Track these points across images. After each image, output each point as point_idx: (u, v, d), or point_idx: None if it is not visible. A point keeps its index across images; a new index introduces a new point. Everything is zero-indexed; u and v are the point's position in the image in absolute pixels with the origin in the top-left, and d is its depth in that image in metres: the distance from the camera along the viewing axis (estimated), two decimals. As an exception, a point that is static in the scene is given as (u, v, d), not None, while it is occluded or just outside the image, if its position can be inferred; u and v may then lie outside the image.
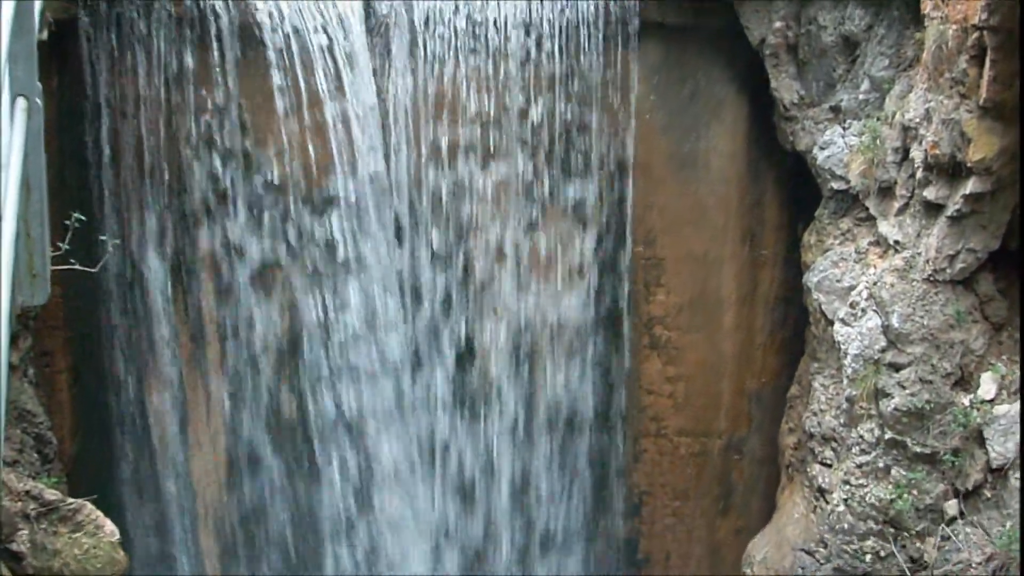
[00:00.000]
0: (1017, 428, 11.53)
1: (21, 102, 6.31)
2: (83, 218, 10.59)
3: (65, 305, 14.40)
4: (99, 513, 10.08)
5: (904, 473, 12.48)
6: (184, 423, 15.49)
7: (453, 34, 14.50)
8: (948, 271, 12.01)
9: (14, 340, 11.95)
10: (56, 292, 14.00)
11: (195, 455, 15.66)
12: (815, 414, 13.73)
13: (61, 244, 10.20)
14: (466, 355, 15.71)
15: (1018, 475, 11.46)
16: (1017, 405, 11.64)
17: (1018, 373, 11.87)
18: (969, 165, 11.26)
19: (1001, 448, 11.63)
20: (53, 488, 10.11)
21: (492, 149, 14.90)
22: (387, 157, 14.71)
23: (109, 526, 10.09)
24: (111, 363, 15.02)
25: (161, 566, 15.92)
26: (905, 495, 12.39)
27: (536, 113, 14.86)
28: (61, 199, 13.10)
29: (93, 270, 11.47)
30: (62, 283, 13.92)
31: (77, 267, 10.69)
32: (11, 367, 11.64)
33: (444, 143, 14.84)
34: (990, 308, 12.22)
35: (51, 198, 7.49)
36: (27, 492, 9.61)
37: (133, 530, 15.31)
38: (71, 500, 9.96)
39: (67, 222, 10.24)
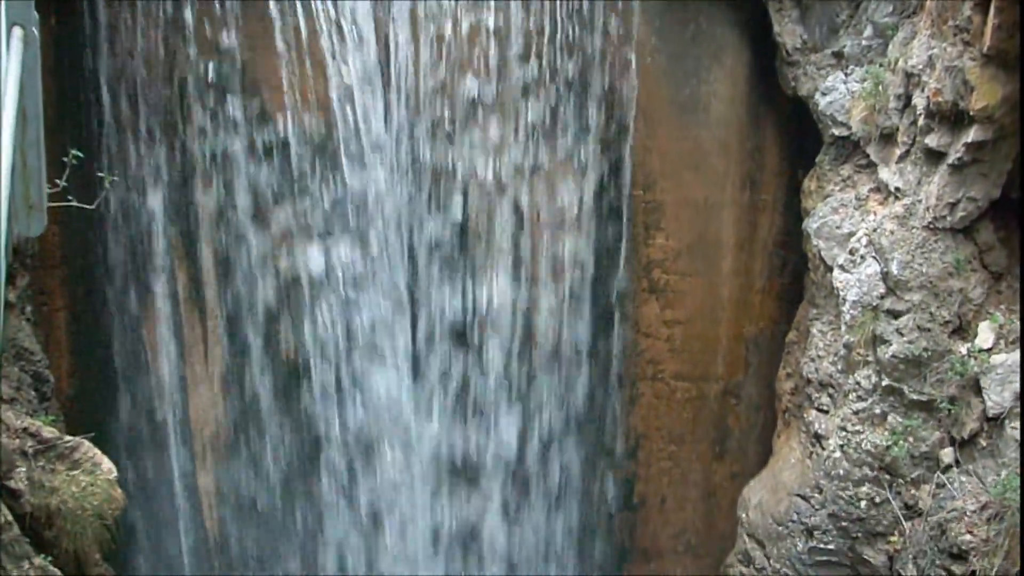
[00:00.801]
0: (1014, 377, 11.55)
1: (17, 31, 6.28)
2: (81, 155, 10.57)
3: (63, 243, 14.36)
4: (97, 451, 10.13)
5: (900, 420, 12.52)
6: (182, 363, 15.49)
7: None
8: (948, 219, 11.99)
9: (11, 278, 11.95)
10: (54, 230, 14.01)
11: (193, 394, 15.67)
12: (812, 360, 13.74)
13: (59, 181, 10.19)
14: (465, 307, 15.71)
15: (1014, 424, 11.49)
16: (1014, 354, 11.65)
17: (1016, 323, 11.88)
18: (971, 113, 11.21)
19: (998, 397, 11.66)
20: (51, 426, 10.13)
21: (493, 93, 14.81)
22: (387, 104, 14.64)
23: (107, 464, 10.14)
24: (109, 302, 14.99)
25: (159, 506, 15.98)
26: (901, 442, 12.43)
27: (537, 55, 14.75)
28: (59, 136, 13.03)
29: (91, 207, 11.44)
30: (60, 221, 13.93)
31: (75, 204, 10.68)
32: (8, 305, 11.67)
33: (444, 87, 14.74)
34: (989, 257, 12.22)
35: (49, 136, 7.45)
36: (25, 429, 9.65)
37: (130, 469, 15.35)
38: (69, 438, 10.01)
39: (65, 159, 10.21)
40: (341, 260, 15.15)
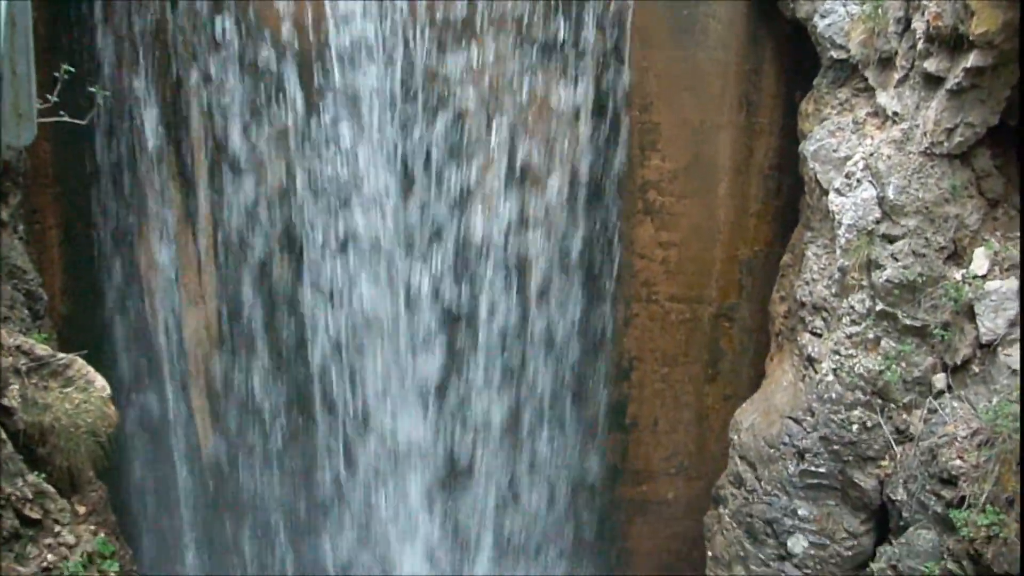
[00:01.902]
0: (1008, 304, 11.56)
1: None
2: (72, 70, 10.48)
3: (55, 161, 14.31)
4: (90, 368, 10.12)
5: (893, 345, 12.53)
6: (176, 280, 15.48)
7: None
8: (945, 144, 11.93)
9: (3, 196, 11.89)
10: (46, 148, 13.95)
11: (187, 312, 15.68)
12: (807, 283, 13.74)
13: (50, 96, 10.12)
14: (464, 225, 15.69)
15: (1007, 351, 11.51)
16: (1009, 281, 11.64)
17: (1012, 250, 11.86)
18: (971, 38, 11.11)
19: (991, 324, 11.67)
20: (44, 344, 10.12)
21: (487, 16, 14.69)
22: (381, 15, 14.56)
23: (100, 381, 10.14)
24: (102, 220, 14.96)
25: (152, 424, 16.04)
26: (894, 367, 12.46)
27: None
28: (53, 55, 12.91)
29: (82, 122, 11.37)
30: (52, 139, 13.87)
31: (66, 119, 10.61)
32: (0, 223, 11.61)
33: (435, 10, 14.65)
34: (986, 184, 12.17)
35: (42, 54, 7.40)
36: (18, 347, 9.64)
37: (124, 387, 15.39)
38: (62, 355, 10.00)
39: (57, 74, 10.14)
40: (337, 170, 15.14)
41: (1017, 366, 11.42)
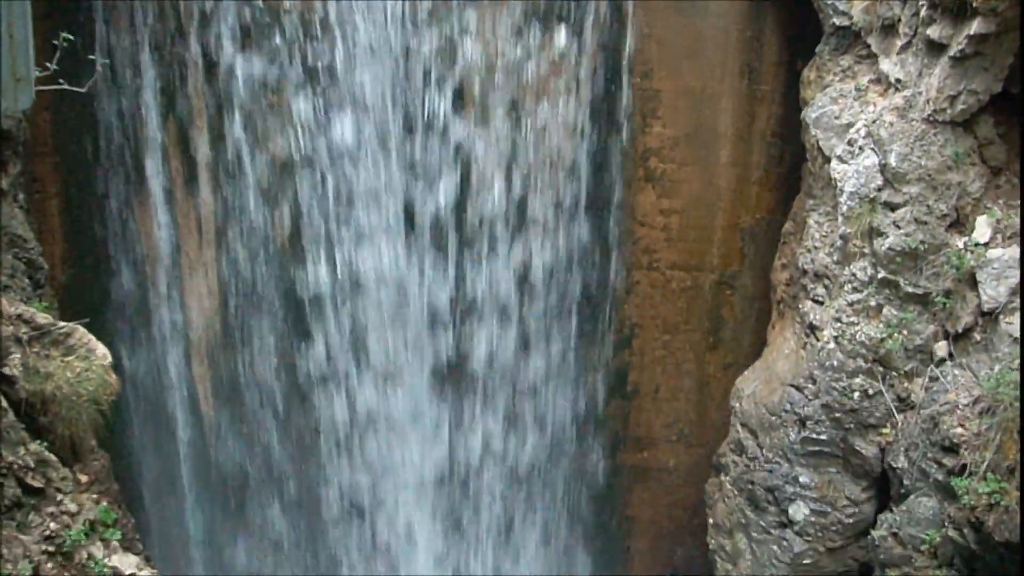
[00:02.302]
0: (1010, 272, 11.54)
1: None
2: (71, 37, 10.42)
3: (55, 131, 14.29)
4: (91, 337, 10.09)
5: (895, 313, 12.54)
6: (176, 250, 15.47)
7: None
8: (948, 112, 11.90)
9: (3, 165, 11.86)
10: (46, 117, 13.93)
11: (188, 281, 15.67)
12: (809, 251, 13.72)
13: (49, 64, 10.07)
14: (463, 177, 15.68)
15: (1009, 319, 11.50)
16: (1011, 249, 11.62)
17: (1014, 218, 11.83)
18: (975, 5, 11.06)
19: (993, 291, 11.66)
20: (45, 313, 10.10)
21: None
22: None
23: (101, 349, 10.11)
24: (102, 189, 14.94)
25: (153, 392, 16.06)
26: (895, 334, 12.47)
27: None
28: (51, 23, 12.85)
29: (82, 90, 11.33)
30: (51, 108, 13.84)
31: (66, 87, 10.56)
32: (1, 192, 11.59)
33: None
34: (989, 151, 12.14)
35: (41, 22, 7.36)
36: (19, 316, 9.62)
37: (125, 355, 15.39)
38: (63, 324, 9.97)
39: (55, 42, 10.09)
40: (342, 134, 15.13)
41: (1019, 334, 11.41)
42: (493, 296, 16.20)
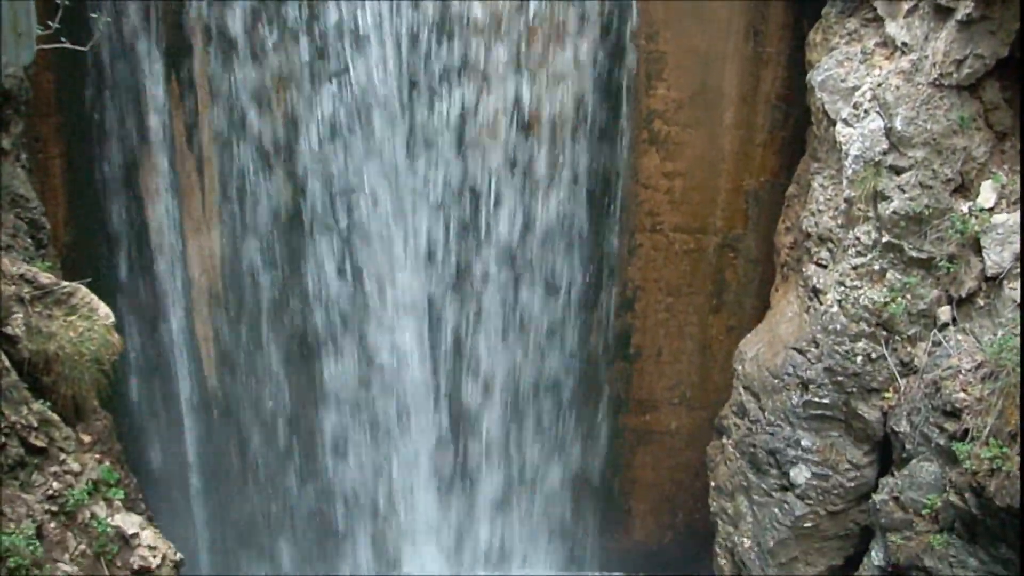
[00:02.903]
0: (1014, 237, 11.52)
1: None
2: (73, -7, 10.42)
3: (58, 91, 14.23)
4: (93, 296, 10.09)
5: (899, 277, 12.52)
6: (179, 208, 15.45)
7: None
8: (954, 76, 11.85)
9: (5, 125, 11.82)
10: (49, 78, 13.86)
11: (190, 239, 15.65)
12: (813, 214, 13.70)
13: (51, 23, 10.05)
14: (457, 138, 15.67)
15: (1013, 284, 11.48)
16: (1016, 215, 11.60)
17: (1019, 183, 11.79)
18: (982, -32, 11.03)
19: (997, 257, 11.64)
20: (47, 273, 10.10)
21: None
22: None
23: (104, 309, 10.12)
24: (104, 149, 14.89)
25: (156, 351, 16.06)
26: (899, 299, 12.46)
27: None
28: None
29: (84, 48, 11.30)
30: (54, 68, 13.79)
31: (68, 46, 10.53)
32: (3, 152, 11.55)
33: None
34: (994, 116, 12.09)
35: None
36: (21, 276, 9.62)
37: (128, 315, 15.38)
38: (65, 283, 9.97)
39: (58, 1, 10.06)
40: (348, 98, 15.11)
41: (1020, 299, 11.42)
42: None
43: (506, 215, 16.04)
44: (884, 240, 12.56)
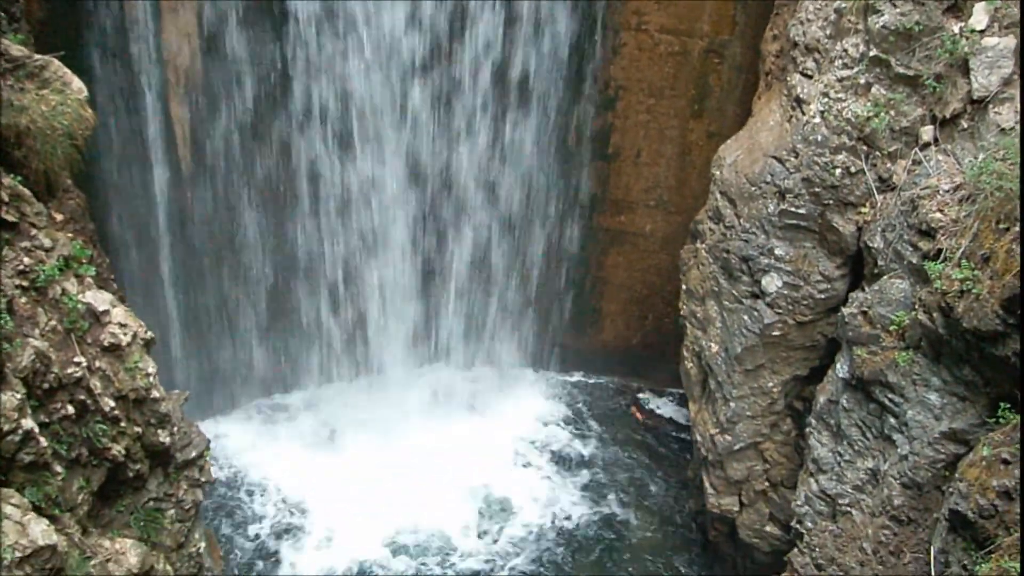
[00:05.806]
0: (1004, 61, 11.40)
1: None
2: None
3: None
4: (67, 70, 9.94)
5: (884, 92, 12.43)
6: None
7: None
8: None
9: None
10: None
11: (166, 15, 15.30)
12: (801, 23, 13.53)
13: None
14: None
15: (998, 108, 11.42)
16: (1007, 39, 11.46)
17: (1013, 7, 11.61)
18: None
19: (984, 80, 11.54)
20: (19, 46, 9.92)
21: None
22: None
23: (77, 83, 9.98)
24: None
25: (129, 134, 15.87)
26: (882, 114, 12.38)
27: None
28: None
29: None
30: None
31: None
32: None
33: None
34: (993, -67, 11.90)
35: None
36: (-8, 47, 9.45)
37: (101, 95, 15.12)
38: (38, 56, 9.81)
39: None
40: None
41: (1007, 125, 11.35)
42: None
43: (488, 14, 15.89)
44: (872, 54, 12.42)
